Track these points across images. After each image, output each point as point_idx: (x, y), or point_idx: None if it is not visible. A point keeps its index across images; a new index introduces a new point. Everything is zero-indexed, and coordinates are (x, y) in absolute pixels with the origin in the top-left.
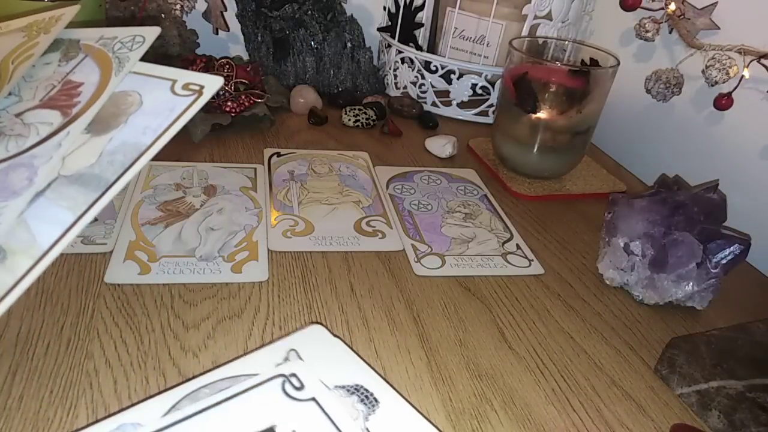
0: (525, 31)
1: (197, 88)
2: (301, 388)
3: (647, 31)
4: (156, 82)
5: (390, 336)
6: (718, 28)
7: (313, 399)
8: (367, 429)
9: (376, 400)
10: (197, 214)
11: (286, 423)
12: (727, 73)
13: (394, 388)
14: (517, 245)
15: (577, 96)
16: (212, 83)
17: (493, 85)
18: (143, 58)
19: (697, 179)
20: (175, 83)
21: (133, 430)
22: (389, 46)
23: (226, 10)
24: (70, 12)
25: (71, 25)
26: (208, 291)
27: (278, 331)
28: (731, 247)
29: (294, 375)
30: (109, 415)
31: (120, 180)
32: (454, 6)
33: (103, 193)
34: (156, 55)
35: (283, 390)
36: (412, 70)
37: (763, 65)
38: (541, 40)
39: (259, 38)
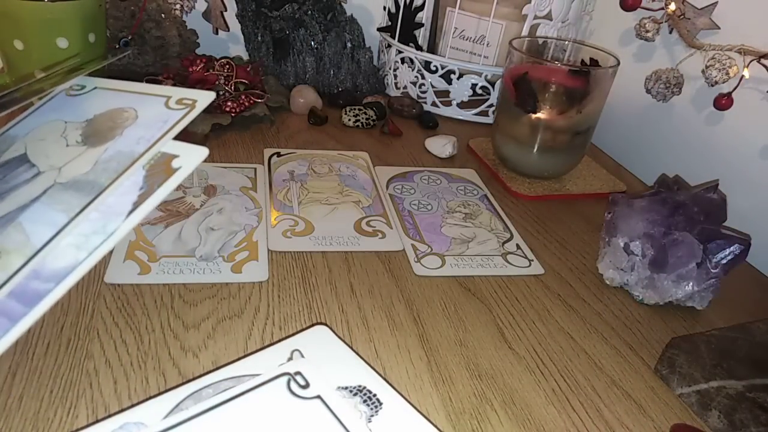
0: (525, 31)
1: (190, 102)
2: (306, 386)
3: (647, 31)
4: (152, 99)
5: (390, 336)
6: (718, 28)
7: (319, 397)
8: (370, 430)
9: (379, 401)
10: (197, 214)
11: (291, 421)
12: (727, 73)
13: (396, 390)
14: (517, 245)
15: (577, 96)
16: (205, 97)
17: (493, 85)
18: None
19: (697, 179)
20: (170, 99)
21: (136, 429)
22: (389, 46)
23: (226, 10)
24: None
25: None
26: (208, 291)
27: (278, 331)
28: (731, 247)
29: (299, 373)
30: (112, 415)
31: (113, 184)
32: (454, 6)
33: (96, 196)
34: (156, 55)
35: (289, 388)
36: (412, 70)
37: (763, 65)
38: (541, 40)
39: (259, 38)
